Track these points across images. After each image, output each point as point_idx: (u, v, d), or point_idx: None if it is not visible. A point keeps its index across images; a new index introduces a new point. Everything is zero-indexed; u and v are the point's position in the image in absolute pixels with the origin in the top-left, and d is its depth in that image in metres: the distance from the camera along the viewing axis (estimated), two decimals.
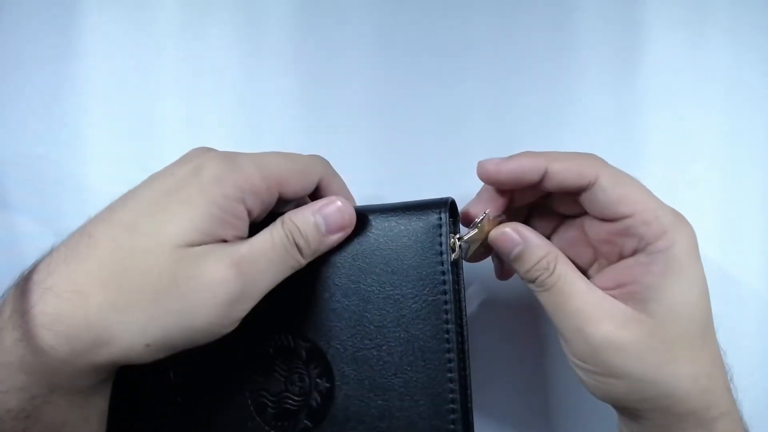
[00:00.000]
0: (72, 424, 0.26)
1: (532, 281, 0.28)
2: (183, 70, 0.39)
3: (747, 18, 0.38)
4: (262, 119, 0.39)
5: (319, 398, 0.29)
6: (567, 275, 0.28)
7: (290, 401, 0.30)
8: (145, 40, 0.39)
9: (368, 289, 0.29)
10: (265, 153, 0.28)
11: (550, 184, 0.28)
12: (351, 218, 0.28)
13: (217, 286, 0.25)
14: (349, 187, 0.38)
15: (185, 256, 0.25)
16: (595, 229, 0.29)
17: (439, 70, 0.38)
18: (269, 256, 0.26)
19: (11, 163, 0.38)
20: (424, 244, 0.28)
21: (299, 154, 0.30)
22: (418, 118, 0.38)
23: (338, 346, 0.29)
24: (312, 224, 0.27)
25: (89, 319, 0.24)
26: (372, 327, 0.29)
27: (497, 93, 0.38)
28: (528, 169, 0.28)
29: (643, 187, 0.28)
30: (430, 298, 0.28)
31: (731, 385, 0.28)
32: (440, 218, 0.28)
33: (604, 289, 0.28)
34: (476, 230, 0.29)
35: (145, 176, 0.38)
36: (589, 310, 0.27)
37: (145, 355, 0.25)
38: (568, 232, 0.31)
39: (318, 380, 0.29)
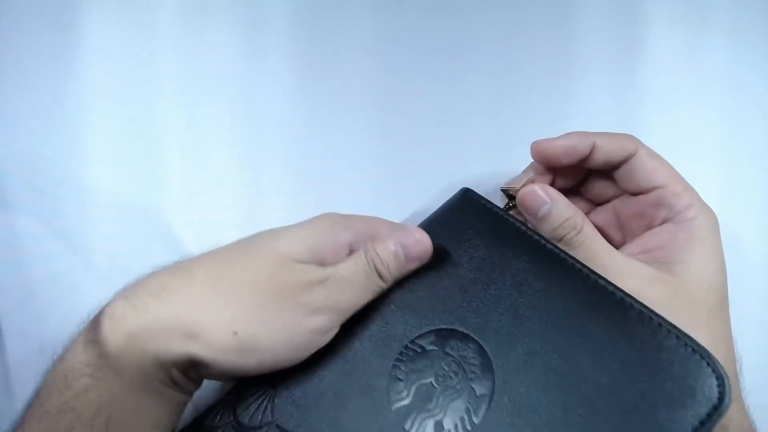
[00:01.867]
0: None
1: (560, 239, 0.30)
2: (183, 70, 0.39)
3: (747, 18, 0.38)
4: (262, 119, 0.39)
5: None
6: (595, 235, 0.30)
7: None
8: (145, 40, 0.39)
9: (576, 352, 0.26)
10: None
11: (599, 157, 0.30)
12: (427, 249, 0.30)
13: (301, 305, 0.27)
14: (349, 187, 0.38)
15: (294, 268, 0.27)
16: (627, 205, 0.31)
17: (440, 70, 0.38)
18: (353, 280, 0.29)
19: (11, 163, 0.38)
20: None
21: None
22: (418, 118, 0.38)
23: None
24: (392, 253, 0.29)
25: (177, 312, 0.26)
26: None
27: (497, 92, 0.38)
28: (579, 144, 0.30)
29: (673, 166, 0.30)
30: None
31: (740, 376, 0.28)
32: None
33: (631, 255, 0.30)
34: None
35: (144, 176, 0.38)
36: (617, 267, 0.28)
37: (229, 349, 0.26)
38: (599, 216, 0.33)
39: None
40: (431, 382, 0.28)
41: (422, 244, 0.30)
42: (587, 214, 0.33)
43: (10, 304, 0.38)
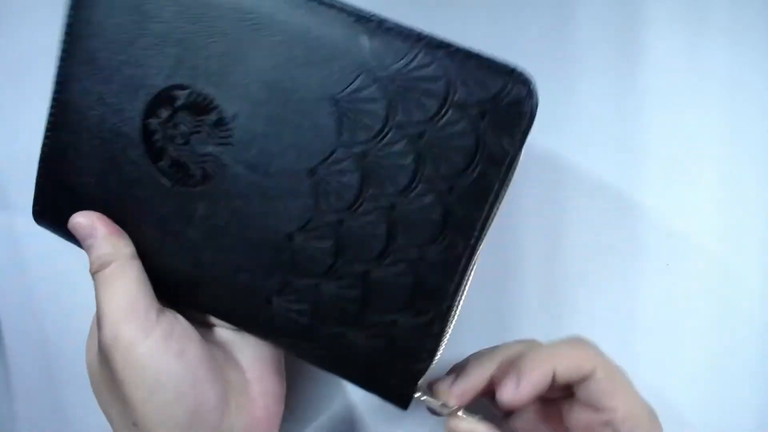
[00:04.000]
0: None
1: None
2: None
3: (747, 18, 0.38)
4: None
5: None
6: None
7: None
8: None
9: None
10: None
11: (556, 386, 0.28)
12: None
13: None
14: None
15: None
16: (577, 414, 0.30)
17: None
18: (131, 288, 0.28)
19: (11, 163, 0.38)
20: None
21: None
22: None
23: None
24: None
25: None
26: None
27: None
28: (543, 384, 0.28)
29: (630, 383, 0.29)
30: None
31: None
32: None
33: None
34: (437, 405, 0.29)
35: None
36: None
37: None
38: (546, 411, 0.31)
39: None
40: (180, 146, 0.28)
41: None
42: (532, 406, 0.32)
43: (10, 304, 0.38)
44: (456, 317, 0.27)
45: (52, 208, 0.30)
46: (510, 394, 0.28)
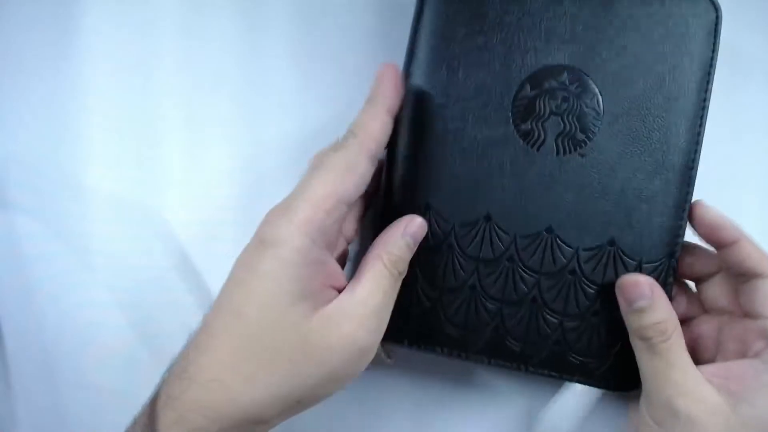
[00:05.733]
0: None
1: (644, 339, 0.29)
2: (183, 70, 0.39)
3: (747, 18, 0.38)
4: (262, 119, 0.39)
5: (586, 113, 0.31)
6: (680, 347, 0.29)
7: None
8: (145, 39, 0.39)
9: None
10: (307, 180, 0.29)
11: (735, 256, 0.30)
12: (425, 227, 0.31)
13: (350, 351, 0.28)
14: None
15: (312, 326, 0.27)
16: (732, 325, 0.31)
17: None
18: (385, 301, 0.29)
19: (11, 163, 0.38)
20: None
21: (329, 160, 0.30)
22: None
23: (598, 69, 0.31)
24: (405, 246, 0.30)
25: (237, 403, 0.27)
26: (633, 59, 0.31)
27: None
28: (729, 229, 0.31)
29: None
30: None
31: None
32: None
33: (711, 376, 0.29)
34: None
35: (144, 176, 0.38)
36: (688, 386, 0.28)
37: (298, 409, 0.28)
38: (702, 326, 0.33)
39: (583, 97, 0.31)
40: (551, 113, 0.31)
41: (425, 225, 0.31)
42: (693, 318, 0.33)
43: (10, 304, 0.38)
44: None
45: None
46: (709, 208, 0.31)
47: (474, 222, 0.32)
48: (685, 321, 0.32)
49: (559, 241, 0.31)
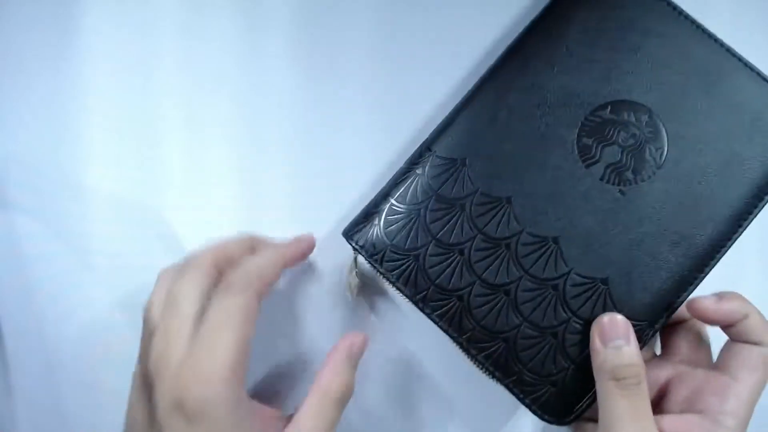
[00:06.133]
0: None
1: (618, 379, 0.29)
2: (183, 70, 0.39)
3: (747, 18, 0.38)
4: (262, 118, 0.39)
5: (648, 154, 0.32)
6: (646, 394, 0.29)
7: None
8: (145, 39, 0.39)
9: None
10: (210, 338, 0.28)
11: (740, 332, 0.30)
12: (366, 343, 0.32)
13: None
14: (349, 187, 0.38)
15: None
16: (690, 374, 0.31)
17: (439, 69, 0.38)
18: (330, 429, 0.30)
19: (11, 163, 0.38)
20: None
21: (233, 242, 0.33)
22: (420, 117, 0.38)
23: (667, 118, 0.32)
24: (351, 372, 0.31)
25: None
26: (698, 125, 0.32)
27: None
28: (737, 311, 0.30)
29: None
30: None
31: None
32: None
33: (667, 428, 0.29)
34: None
35: (144, 176, 0.38)
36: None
37: None
38: (663, 371, 0.33)
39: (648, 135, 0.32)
40: (615, 142, 0.32)
41: (366, 341, 0.32)
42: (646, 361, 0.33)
43: (10, 304, 0.38)
44: None
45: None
46: (711, 302, 0.30)
47: (495, 198, 0.32)
48: None
49: (559, 255, 0.32)
